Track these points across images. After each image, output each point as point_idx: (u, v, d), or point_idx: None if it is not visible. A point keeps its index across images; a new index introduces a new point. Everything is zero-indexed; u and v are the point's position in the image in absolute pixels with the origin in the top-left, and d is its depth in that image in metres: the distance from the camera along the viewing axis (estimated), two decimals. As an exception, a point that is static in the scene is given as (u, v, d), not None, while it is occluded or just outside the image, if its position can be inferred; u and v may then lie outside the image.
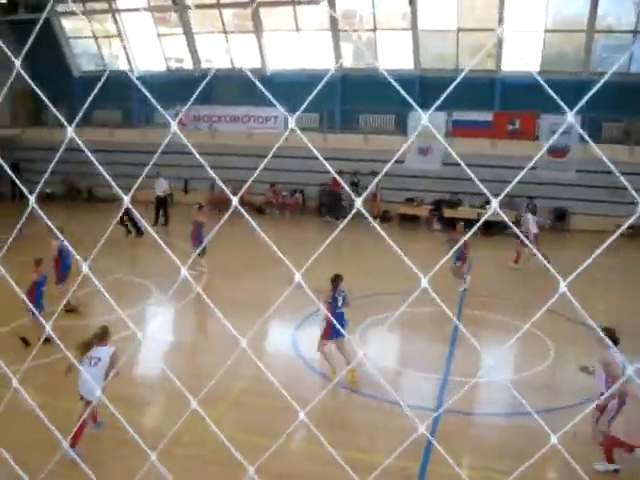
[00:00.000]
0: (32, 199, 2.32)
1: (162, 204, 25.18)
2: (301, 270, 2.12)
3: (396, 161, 2.56)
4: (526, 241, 16.12)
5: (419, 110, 1.98)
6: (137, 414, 10.66)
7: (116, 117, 30.28)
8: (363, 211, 1.91)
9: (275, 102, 2.36)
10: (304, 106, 2.21)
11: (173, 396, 11.30)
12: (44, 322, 2.75)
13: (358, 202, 1.92)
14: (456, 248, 2.65)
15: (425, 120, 1.89)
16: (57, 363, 11.77)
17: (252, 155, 24.81)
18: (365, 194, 2.14)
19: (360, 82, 26.74)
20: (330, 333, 11.34)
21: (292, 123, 1.98)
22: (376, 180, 15.69)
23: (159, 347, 13.55)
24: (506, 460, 8.86)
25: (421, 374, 11.97)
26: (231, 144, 26.74)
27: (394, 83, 2.20)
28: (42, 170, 3.54)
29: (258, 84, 2.40)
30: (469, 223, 24.34)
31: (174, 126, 2.05)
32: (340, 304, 11.46)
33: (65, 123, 2.37)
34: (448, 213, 25.85)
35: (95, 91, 2.30)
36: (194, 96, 2.56)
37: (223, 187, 2.31)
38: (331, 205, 27.26)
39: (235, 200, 1.97)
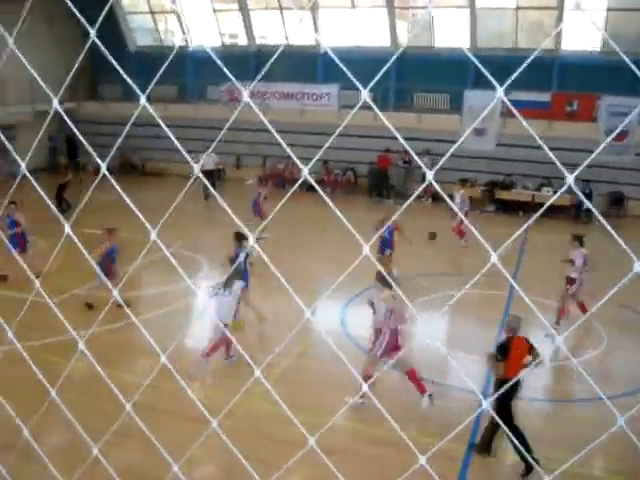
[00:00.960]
0: (104, 166, 2.36)
1: (211, 178, 25.45)
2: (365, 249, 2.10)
3: (450, 141, 2.52)
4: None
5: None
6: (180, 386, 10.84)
7: (171, 93, 30.57)
8: (437, 187, 1.88)
9: (356, 81, 2.34)
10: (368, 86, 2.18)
11: (223, 369, 11.48)
12: (112, 287, 2.80)
13: (429, 175, 1.87)
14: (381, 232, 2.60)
15: (501, 94, 1.84)
16: (112, 332, 12.08)
17: (304, 132, 24.81)
18: (435, 169, 2.11)
19: (415, 60, 26.42)
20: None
21: (365, 95, 1.94)
22: (442, 158, 15.53)
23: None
24: (549, 446, 8.76)
25: (471, 356, 11.87)
26: (283, 121, 26.74)
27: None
28: (96, 143, 3.60)
29: (338, 62, 2.38)
30: (517, 206, 24.00)
31: (247, 97, 2.05)
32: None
33: (142, 97, 2.39)
34: (501, 195, 25.45)
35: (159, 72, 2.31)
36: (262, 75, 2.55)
37: (296, 160, 2.30)
38: (377, 184, 27.13)
39: (306, 170, 1.96)
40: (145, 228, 2.34)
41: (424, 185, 2.02)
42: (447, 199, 2.25)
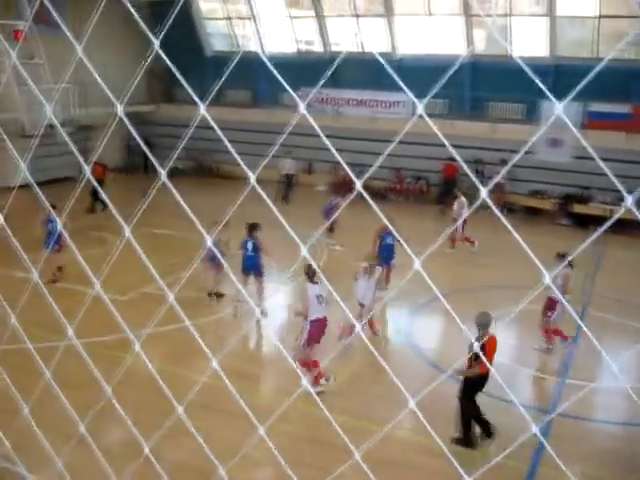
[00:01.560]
0: (163, 173, 2.40)
1: (290, 182, 25.77)
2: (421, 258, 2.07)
3: (525, 152, 2.46)
4: None
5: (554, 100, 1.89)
6: (249, 388, 10.96)
7: (245, 97, 31.00)
8: (489, 202, 1.85)
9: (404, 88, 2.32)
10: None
11: (284, 373, 11.54)
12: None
13: (483, 192, 1.85)
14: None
15: (559, 110, 1.79)
16: (181, 331, 12.30)
17: (376, 140, 24.74)
18: (491, 185, 2.07)
19: (491, 69, 26.04)
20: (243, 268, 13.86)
21: (421, 109, 1.93)
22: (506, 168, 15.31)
23: (275, 323, 13.85)
24: (620, 471, 8.47)
25: (537, 374, 11.61)
26: (355, 128, 26.78)
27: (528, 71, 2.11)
28: (172, 146, 3.67)
29: (389, 70, 2.36)
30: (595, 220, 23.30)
31: (303, 108, 2.06)
32: (250, 249, 13.87)
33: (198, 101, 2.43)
34: (577, 209, 24.78)
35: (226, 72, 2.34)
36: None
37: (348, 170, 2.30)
38: (443, 192, 26.86)
39: (359, 184, 1.95)
40: (219, 229, 2.37)
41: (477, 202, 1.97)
42: (499, 214, 2.20)
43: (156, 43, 2.30)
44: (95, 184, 2.96)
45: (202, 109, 2.25)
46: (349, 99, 28.34)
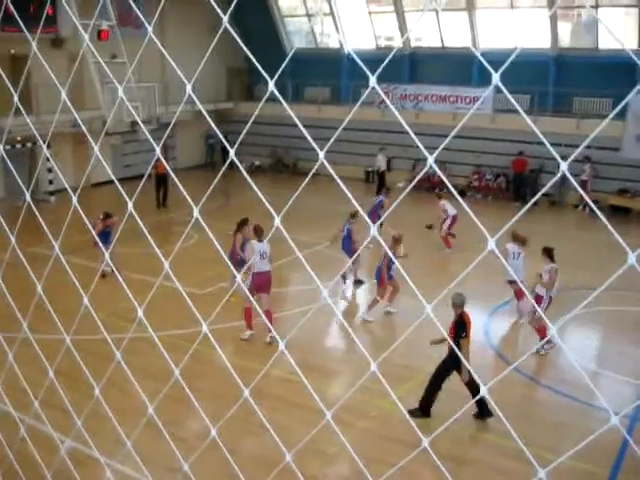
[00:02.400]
0: (232, 151, 2.42)
1: (382, 179, 25.79)
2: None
3: (612, 148, 2.36)
4: None
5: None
6: (325, 384, 11.00)
7: (325, 94, 31.11)
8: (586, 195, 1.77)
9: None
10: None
11: (360, 369, 11.49)
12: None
13: (563, 165, 1.77)
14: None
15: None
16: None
17: (457, 136, 24.42)
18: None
19: (577, 63, 25.27)
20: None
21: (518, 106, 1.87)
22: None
23: (349, 321, 13.84)
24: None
25: (621, 377, 11.21)
26: (436, 124, 26.44)
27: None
28: (250, 142, 3.69)
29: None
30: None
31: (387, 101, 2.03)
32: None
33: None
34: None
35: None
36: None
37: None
38: (515, 188, 26.32)
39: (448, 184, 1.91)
40: (298, 227, 2.37)
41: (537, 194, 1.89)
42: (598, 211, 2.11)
43: (225, 19, 2.31)
44: (172, 176, 3.01)
45: (271, 85, 2.24)
46: (429, 95, 28.03)
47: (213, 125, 3.20)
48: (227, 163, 2.61)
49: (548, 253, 12.08)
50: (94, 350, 7.16)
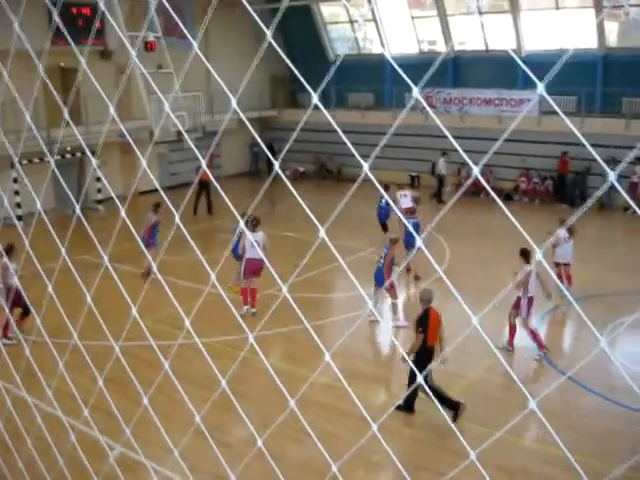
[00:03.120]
0: (276, 164, 2.43)
1: (439, 183, 25.87)
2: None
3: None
4: None
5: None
6: (372, 391, 10.96)
7: (368, 100, 31.07)
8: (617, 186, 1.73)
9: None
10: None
11: (404, 375, 11.45)
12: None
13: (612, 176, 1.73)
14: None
15: None
16: (304, 332, 12.49)
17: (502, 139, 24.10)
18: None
19: (625, 62, 24.73)
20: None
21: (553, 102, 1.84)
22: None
23: (389, 326, 13.75)
24: None
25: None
26: (481, 127, 26.18)
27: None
28: (295, 149, 3.70)
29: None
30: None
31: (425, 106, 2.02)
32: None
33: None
34: None
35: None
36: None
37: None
38: (559, 190, 25.91)
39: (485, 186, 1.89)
40: (342, 233, 2.37)
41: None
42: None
43: (268, 33, 2.33)
44: (215, 183, 3.03)
45: (315, 98, 2.24)
46: (473, 98, 27.78)
47: (257, 137, 3.23)
48: (272, 174, 2.63)
49: (525, 255, 11.65)
50: (140, 355, 7.27)
